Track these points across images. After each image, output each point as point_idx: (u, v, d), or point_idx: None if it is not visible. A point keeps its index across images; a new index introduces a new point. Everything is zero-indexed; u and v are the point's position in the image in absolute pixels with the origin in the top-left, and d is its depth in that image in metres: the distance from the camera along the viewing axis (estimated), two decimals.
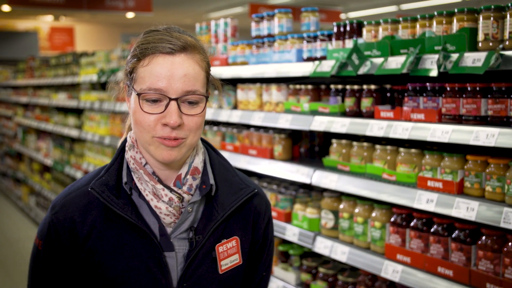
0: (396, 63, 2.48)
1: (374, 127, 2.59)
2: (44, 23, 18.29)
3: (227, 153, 3.66)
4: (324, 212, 2.99)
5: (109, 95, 5.84)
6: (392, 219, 2.63)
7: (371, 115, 2.74)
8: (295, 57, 3.15)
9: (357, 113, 2.83)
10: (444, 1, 12.56)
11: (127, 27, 19.35)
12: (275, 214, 3.27)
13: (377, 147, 2.73)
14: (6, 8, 11.92)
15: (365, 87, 2.79)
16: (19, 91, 10.43)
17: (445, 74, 2.40)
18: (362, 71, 2.67)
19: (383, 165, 2.67)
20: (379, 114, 2.66)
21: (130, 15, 12.20)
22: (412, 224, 2.54)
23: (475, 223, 2.31)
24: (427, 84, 2.49)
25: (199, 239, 1.50)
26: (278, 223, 3.23)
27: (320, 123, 2.89)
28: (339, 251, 2.82)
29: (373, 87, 2.75)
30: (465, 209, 2.19)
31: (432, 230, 2.44)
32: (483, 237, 2.23)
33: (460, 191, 2.33)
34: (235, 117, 3.55)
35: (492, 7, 2.19)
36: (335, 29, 2.92)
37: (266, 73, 3.30)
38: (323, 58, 3.00)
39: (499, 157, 2.23)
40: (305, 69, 3.01)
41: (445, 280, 2.32)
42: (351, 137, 3.05)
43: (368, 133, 2.61)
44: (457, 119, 2.32)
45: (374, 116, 2.71)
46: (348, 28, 2.85)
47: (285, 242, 3.49)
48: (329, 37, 2.99)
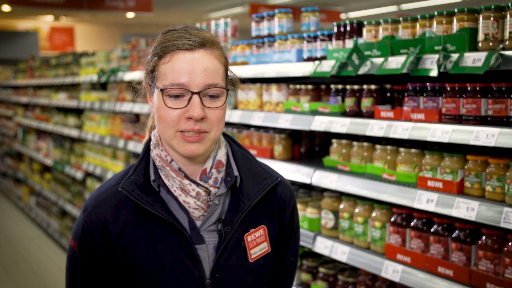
0: (396, 63, 2.48)
1: (374, 127, 2.59)
2: (44, 23, 18.30)
3: None
4: (324, 212, 2.99)
5: (109, 95, 5.84)
6: (392, 219, 2.63)
7: (371, 115, 2.74)
8: (295, 57, 3.15)
9: (357, 113, 2.83)
10: (444, 1, 12.56)
11: (127, 27, 19.35)
12: None
13: (377, 147, 2.74)
14: (6, 8, 11.92)
15: (365, 87, 2.79)
16: (19, 91, 10.43)
17: (445, 74, 2.40)
18: (362, 71, 2.67)
19: (383, 165, 2.67)
20: (379, 114, 2.66)
21: (130, 15, 12.20)
22: (412, 224, 2.54)
23: (475, 223, 2.31)
24: (427, 84, 2.49)
25: (227, 230, 1.55)
26: None
27: (320, 123, 2.89)
28: (339, 251, 2.82)
29: (373, 87, 2.76)
30: (465, 209, 2.19)
31: (432, 230, 2.44)
32: (483, 237, 2.23)
33: (460, 191, 2.33)
34: (235, 117, 3.55)
35: (492, 7, 2.19)
36: (335, 29, 2.92)
37: (266, 73, 3.30)
38: (323, 58, 3.00)
39: (499, 157, 2.23)
40: (305, 69, 3.01)
41: (445, 280, 2.32)
42: (351, 137, 3.05)
43: (368, 133, 2.61)
44: (457, 119, 2.32)
45: (374, 116, 2.71)
46: (348, 28, 2.85)
47: None
48: (329, 37, 2.99)
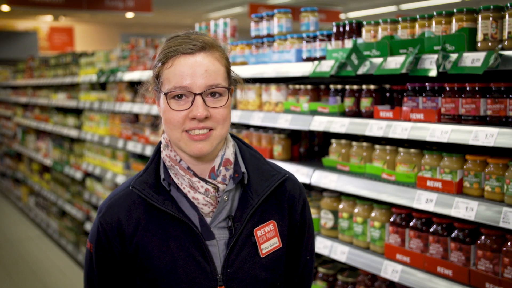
0: (395, 63, 2.48)
1: (374, 127, 2.59)
2: (43, 23, 18.29)
3: None
4: (324, 212, 2.99)
5: (109, 95, 5.84)
6: (392, 219, 2.64)
7: (370, 115, 2.74)
8: (295, 57, 3.15)
9: (356, 113, 2.83)
10: (443, 1, 12.56)
11: (126, 27, 19.35)
12: None
13: (377, 147, 2.74)
14: (5, 8, 11.91)
15: (364, 87, 2.79)
16: (18, 91, 10.42)
17: (444, 74, 2.40)
18: (361, 71, 2.68)
19: (382, 165, 2.67)
20: (378, 114, 2.66)
21: (129, 15, 12.20)
22: (411, 224, 2.54)
23: (474, 223, 2.32)
24: (426, 84, 2.49)
25: (237, 226, 1.58)
26: None
27: (319, 123, 2.89)
28: (338, 251, 2.82)
29: (372, 87, 2.76)
30: (464, 209, 2.20)
31: (432, 230, 2.44)
32: (482, 237, 2.23)
33: (459, 191, 2.33)
34: (234, 117, 3.55)
35: (491, 7, 2.19)
36: (334, 29, 2.92)
37: (266, 73, 3.30)
38: (322, 58, 3.00)
39: (498, 157, 2.23)
40: (304, 69, 3.02)
41: (444, 279, 2.32)
42: (351, 137, 3.06)
43: (368, 133, 2.61)
44: (456, 119, 2.32)
45: (373, 116, 2.71)
46: (347, 28, 2.86)
47: None
48: (329, 37, 2.99)
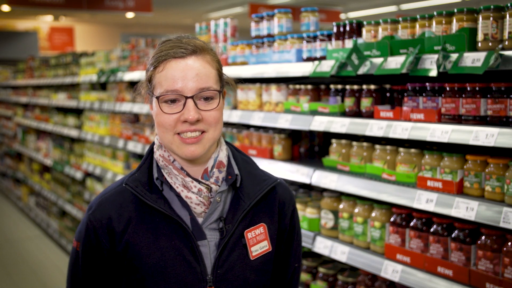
0: (395, 63, 2.48)
1: (374, 127, 2.59)
2: (43, 23, 18.29)
3: None
4: (324, 212, 2.99)
5: (109, 95, 5.84)
6: (392, 219, 2.64)
7: (370, 115, 2.74)
8: (295, 57, 3.15)
9: (356, 113, 2.83)
10: (444, 1, 12.56)
11: (127, 27, 19.35)
12: None
13: (377, 147, 2.74)
14: (5, 8, 11.90)
15: (364, 87, 2.79)
16: (18, 91, 10.42)
17: (445, 74, 2.40)
18: (361, 71, 2.68)
19: (382, 165, 2.67)
20: (378, 114, 2.66)
21: (130, 15, 12.19)
22: (411, 224, 2.54)
23: (475, 223, 2.32)
24: (427, 84, 2.49)
25: (228, 228, 1.59)
26: None
27: (319, 123, 2.89)
28: (339, 251, 2.82)
29: (372, 87, 2.76)
30: (464, 209, 2.20)
31: (432, 230, 2.44)
32: (483, 237, 2.23)
33: (460, 191, 2.33)
34: (234, 117, 3.55)
35: (492, 7, 2.19)
36: (334, 29, 2.92)
37: (266, 73, 3.30)
38: (322, 58, 3.00)
39: (498, 157, 2.23)
40: (304, 69, 3.02)
41: (444, 280, 2.32)
42: (351, 137, 3.05)
43: (368, 133, 2.61)
44: (457, 119, 2.32)
45: (373, 116, 2.71)
46: (347, 28, 2.85)
47: None
48: (329, 37, 2.99)
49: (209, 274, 1.57)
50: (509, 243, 2.14)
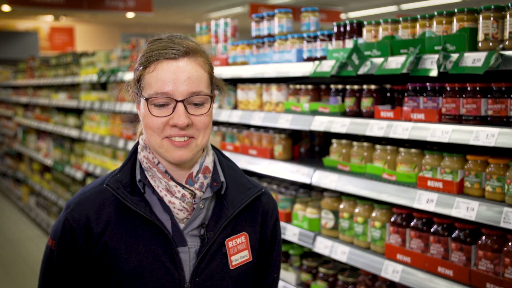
0: (396, 63, 2.48)
1: (374, 127, 2.59)
2: (44, 23, 18.29)
3: (227, 153, 3.66)
4: (324, 212, 2.99)
5: (109, 95, 5.84)
6: (392, 219, 2.63)
7: (371, 115, 2.74)
8: (295, 57, 3.15)
9: (357, 113, 2.83)
10: (444, 1, 12.56)
11: (127, 27, 19.35)
12: None
13: (377, 147, 2.74)
14: (6, 8, 11.91)
15: (365, 87, 2.79)
16: (19, 91, 10.43)
17: (445, 74, 2.40)
18: (362, 71, 2.67)
19: (383, 165, 2.67)
20: (379, 114, 2.66)
21: (130, 15, 12.20)
22: (412, 224, 2.54)
23: (475, 223, 2.31)
24: (427, 84, 2.49)
25: (210, 235, 1.56)
26: None
27: (320, 123, 2.89)
28: (339, 251, 2.82)
29: (373, 87, 2.76)
30: (465, 209, 2.19)
31: (432, 230, 2.44)
32: (483, 237, 2.23)
33: (460, 191, 2.33)
34: (235, 117, 3.55)
35: (492, 7, 2.19)
36: (335, 29, 2.92)
37: (266, 73, 3.30)
38: (323, 58, 3.00)
39: (499, 157, 2.23)
40: (305, 69, 3.01)
41: (445, 280, 2.32)
42: (351, 137, 3.05)
43: (368, 133, 2.61)
44: (457, 119, 2.32)
45: (374, 116, 2.71)
46: (348, 28, 2.85)
47: (285, 242, 3.49)
48: (329, 37, 2.99)
49: (188, 282, 1.53)
50: (510, 243, 2.14)
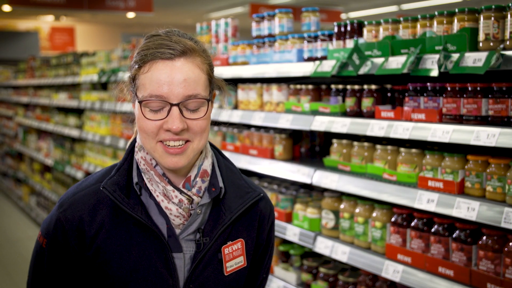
0: (396, 63, 2.48)
1: (375, 127, 2.59)
2: (44, 23, 18.30)
3: (227, 153, 3.66)
4: (325, 212, 2.99)
5: (110, 95, 5.84)
6: (393, 219, 2.63)
7: (371, 115, 2.74)
8: (296, 57, 3.15)
9: (357, 113, 2.83)
10: (445, 1, 12.55)
11: (127, 27, 19.35)
12: (275, 214, 3.26)
13: (378, 147, 2.73)
14: (6, 8, 11.92)
15: (365, 87, 2.79)
16: (19, 91, 10.43)
17: (446, 74, 2.40)
18: (362, 71, 2.67)
19: (383, 165, 2.67)
20: (379, 114, 2.66)
21: (130, 15, 12.20)
22: (412, 224, 2.54)
23: (476, 223, 2.31)
24: (428, 84, 2.49)
25: (206, 241, 1.51)
26: (278, 223, 3.23)
27: (320, 123, 2.89)
28: (339, 251, 2.81)
29: (373, 87, 2.75)
30: (465, 209, 2.19)
31: (433, 230, 2.44)
32: (484, 237, 2.23)
33: (461, 191, 2.33)
34: (235, 117, 3.55)
35: (493, 7, 2.19)
36: (335, 29, 2.92)
37: (267, 73, 3.30)
38: (323, 58, 3.00)
39: (500, 157, 2.23)
40: (305, 69, 3.01)
41: (445, 280, 2.32)
42: (352, 137, 3.05)
43: (369, 133, 2.61)
44: (458, 119, 2.32)
45: (374, 116, 2.71)
46: (348, 28, 2.85)
47: (285, 242, 3.49)
48: (330, 37, 2.99)
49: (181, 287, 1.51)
50: (510, 243, 2.14)
